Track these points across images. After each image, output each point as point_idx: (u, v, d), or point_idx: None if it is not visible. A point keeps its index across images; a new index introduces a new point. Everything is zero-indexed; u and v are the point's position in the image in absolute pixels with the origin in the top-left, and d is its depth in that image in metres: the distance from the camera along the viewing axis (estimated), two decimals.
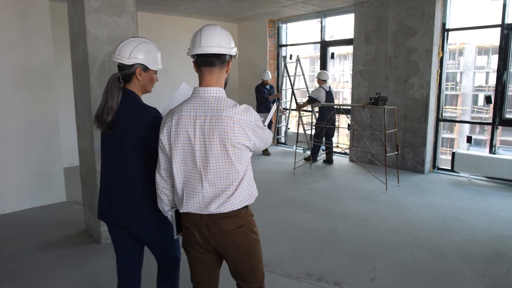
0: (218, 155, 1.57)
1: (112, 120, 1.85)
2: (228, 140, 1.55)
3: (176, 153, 1.61)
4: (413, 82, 6.29)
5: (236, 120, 1.55)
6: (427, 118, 6.20)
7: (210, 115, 1.56)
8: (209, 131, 1.55)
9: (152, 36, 7.98)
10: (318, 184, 5.77)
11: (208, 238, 1.65)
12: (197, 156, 1.58)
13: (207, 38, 1.61)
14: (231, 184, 1.60)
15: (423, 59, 6.14)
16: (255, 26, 8.92)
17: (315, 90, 6.80)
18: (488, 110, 25.54)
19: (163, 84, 4.22)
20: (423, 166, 6.33)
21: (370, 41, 6.82)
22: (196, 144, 1.58)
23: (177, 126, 1.59)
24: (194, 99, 1.62)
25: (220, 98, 1.60)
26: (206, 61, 1.61)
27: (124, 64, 1.88)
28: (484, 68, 28.05)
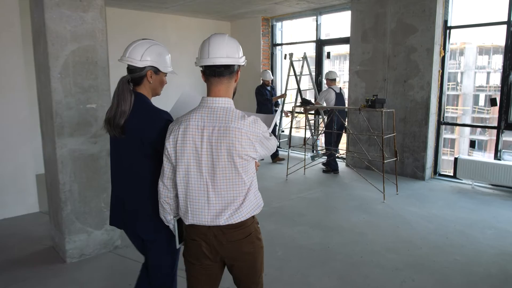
0: (226, 166, 1.56)
1: (125, 123, 1.80)
2: (235, 152, 1.54)
3: (181, 162, 1.59)
4: (413, 83, 5.93)
5: (244, 132, 1.54)
6: (427, 121, 5.83)
7: (218, 126, 1.55)
8: (217, 142, 1.54)
9: (139, 35, 7.64)
10: (311, 192, 5.40)
11: (217, 249, 1.64)
12: (204, 166, 1.57)
13: (216, 48, 1.59)
14: (238, 195, 1.60)
15: (423, 59, 5.77)
16: (248, 25, 8.57)
17: (324, 91, 6.27)
18: (490, 111, 25.30)
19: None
20: (424, 172, 5.96)
21: (368, 39, 6.45)
22: (203, 154, 1.56)
23: (184, 135, 1.57)
24: (202, 108, 1.60)
25: (228, 109, 1.59)
26: (215, 72, 1.60)
27: (135, 67, 1.84)
28: (485, 68, 27.78)
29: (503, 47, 5.30)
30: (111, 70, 3.48)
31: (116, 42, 7.48)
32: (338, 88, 6.29)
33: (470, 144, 5.87)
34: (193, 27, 8.36)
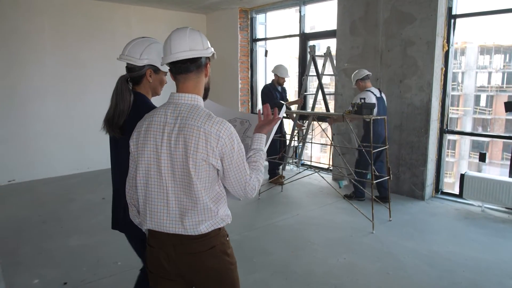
0: (183, 168, 1.43)
1: (125, 123, 1.74)
2: (189, 153, 1.41)
3: (141, 161, 1.50)
4: (411, 84, 4.93)
5: (203, 132, 1.40)
6: (428, 130, 4.83)
7: (179, 122, 1.44)
8: (175, 140, 1.43)
9: (97, 28, 6.63)
10: (285, 218, 4.39)
11: (175, 261, 1.50)
12: (163, 166, 1.46)
13: (177, 43, 1.49)
14: (195, 204, 1.44)
15: (423, 54, 4.77)
16: (225, 17, 7.56)
17: (361, 95, 4.58)
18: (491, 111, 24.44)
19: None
20: (423, 191, 4.95)
21: (357, 32, 5.45)
22: (163, 153, 1.46)
23: (146, 132, 1.49)
24: (168, 104, 1.52)
25: (194, 106, 1.48)
26: (181, 68, 1.50)
27: (134, 65, 1.80)
28: (487, 68, 26.98)
29: (505, 47, 4.27)
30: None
31: (68, 35, 6.46)
32: (378, 90, 4.75)
33: (479, 157, 4.85)
34: (162, 20, 7.35)
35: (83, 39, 6.47)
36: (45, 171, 6.31)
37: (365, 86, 4.72)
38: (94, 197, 5.25)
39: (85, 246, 3.71)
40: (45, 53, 6.16)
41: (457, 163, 22.24)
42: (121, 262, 3.35)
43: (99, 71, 6.67)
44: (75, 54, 6.42)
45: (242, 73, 7.58)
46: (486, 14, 4.62)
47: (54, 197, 5.30)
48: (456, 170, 21.94)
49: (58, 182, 6.06)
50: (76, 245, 3.74)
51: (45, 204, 5.01)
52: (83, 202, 5.09)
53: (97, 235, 3.94)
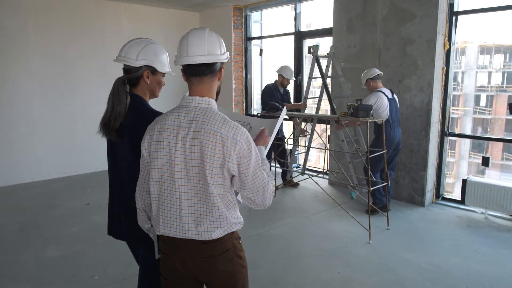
0: (198, 173, 1.40)
1: (121, 126, 1.72)
2: (206, 158, 1.37)
3: (154, 165, 1.47)
4: (410, 84, 4.69)
5: (219, 136, 1.37)
6: (428, 132, 4.59)
7: (194, 127, 1.40)
8: (190, 145, 1.39)
9: (86, 26, 6.37)
10: (277, 226, 4.16)
11: (189, 265, 1.49)
12: (176, 171, 1.42)
13: (195, 45, 1.44)
14: (209, 209, 1.42)
15: (423, 53, 4.54)
16: (219, 15, 7.32)
17: (372, 96, 4.22)
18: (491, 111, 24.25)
19: None
20: (423, 196, 4.72)
21: (354, 29, 5.21)
22: (177, 157, 1.42)
23: (159, 136, 1.45)
24: (180, 108, 1.48)
25: (208, 110, 1.44)
26: (196, 71, 1.45)
27: (131, 67, 1.77)
28: (487, 67, 26.82)
29: (505, 46, 4.03)
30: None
31: (55, 33, 6.15)
32: (389, 91, 4.37)
33: (482, 162, 4.61)
34: (154, 18, 7.11)
35: (70, 37, 6.23)
36: (31, 174, 6.06)
37: (376, 86, 4.34)
38: (79, 203, 5.01)
39: (62, 258, 3.47)
40: (31, 52, 5.92)
41: (457, 163, 22.07)
42: (98, 277, 3.10)
43: (87, 71, 6.43)
44: (62, 53, 6.18)
45: (236, 73, 7.34)
46: (489, 11, 4.38)
47: (36, 203, 5.06)
48: (456, 171, 21.75)
49: (43, 186, 5.81)
50: (53, 257, 3.50)
51: (26, 210, 4.77)
52: (67, 208, 4.85)
53: (76, 246, 3.70)
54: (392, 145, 4.27)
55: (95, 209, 4.77)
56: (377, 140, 4.27)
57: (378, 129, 4.26)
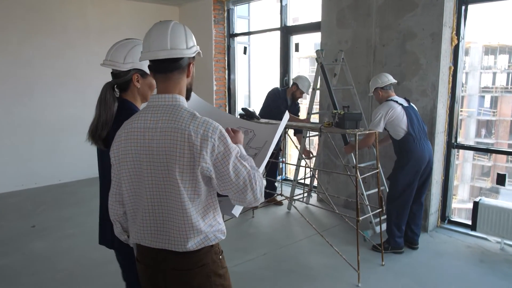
0: (168, 177, 1.29)
1: (108, 136, 1.61)
2: (175, 159, 1.26)
3: (124, 173, 1.37)
4: (411, 86, 3.95)
5: (188, 134, 1.25)
6: (433, 144, 3.85)
7: (161, 126, 1.29)
8: (157, 147, 1.29)
9: (45, 22, 5.61)
10: (247, 259, 3.42)
11: (162, 277, 1.37)
12: (146, 177, 1.32)
13: (158, 39, 1.33)
14: (181, 218, 1.29)
15: (426, 49, 3.80)
16: (199, 10, 6.60)
17: (382, 107, 3.43)
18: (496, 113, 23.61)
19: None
20: (426, 220, 3.97)
21: (345, 23, 4.47)
22: (144, 162, 1.31)
23: (127, 142, 1.35)
24: (147, 108, 1.37)
25: (175, 107, 1.32)
26: (160, 67, 1.35)
27: (119, 71, 1.67)
28: (491, 68, 26.25)
29: (510, 47, 3.29)
30: None
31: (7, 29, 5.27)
32: (404, 99, 3.55)
33: (497, 180, 3.95)
34: (126, 13, 6.39)
35: (27, 34, 5.50)
36: None
37: (386, 96, 3.53)
38: (24, 225, 4.29)
39: None
40: None
41: (461, 165, 21.42)
42: None
43: (48, 71, 5.72)
44: (16, 50, 5.46)
45: (218, 73, 6.60)
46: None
47: None
48: (460, 173, 21.09)
49: None
50: None
51: None
52: (7, 231, 4.13)
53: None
54: (421, 164, 3.38)
55: (39, 233, 4.06)
56: (401, 160, 3.45)
57: (400, 146, 3.45)
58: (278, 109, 4.56)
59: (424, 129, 3.48)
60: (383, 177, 4.02)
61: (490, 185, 20.41)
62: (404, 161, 3.41)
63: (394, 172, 3.50)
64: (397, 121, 3.38)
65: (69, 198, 5.27)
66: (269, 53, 8.29)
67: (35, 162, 5.73)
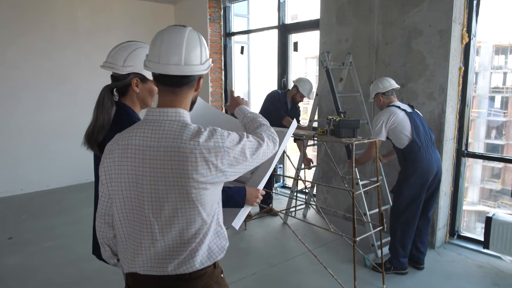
0: (176, 200, 1.16)
1: (104, 141, 1.52)
2: (189, 181, 1.14)
3: (118, 194, 1.22)
4: (416, 89, 3.60)
5: (199, 153, 1.14)
6: (441, 152, 3.49)
7: (165, 145, 1.15)
8: (163, 168, 1.15)
9: (32, 21, 5.29)
10: (234, 279, 3.09)
11: None
12: (146, 200, 1.18)
13: (171, 50, 1.18)
14: (194, 236, 1.20)
15: (434, 48, 3.45)
16: (194, 8, 6.30)
17: (383, 113, 3.10)
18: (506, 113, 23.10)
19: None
20: (433, 236, 3.62)
21: (345, 20, 4.14)
22: (145, 184, 1.17)
23: (122, 159, 1.20)
24: (146, 123, 1.21)
25: (181, 124, 1.19)
26: (168, 81, 1.21)
27: (118, 74, 1.60)
28: (502, 68, 25.71)
29: None
30: None
31: None
32: (407, 105, 3.22)
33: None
34: (118, 11, 6.12)
35: (11, 32, 5.25)
36: None
37: (388, 102, 3.19)
38: (0, 236, 4.03)
39: None
40: None
41: (471, 166, 20.89)
42: None
43: (35, 72, 5.46)
44: (1, 52, 5.20)
45: (214, 74, 6.30)
46: None
47: None
48: (469, 175, 20.59)
49: None
50: None
51: None
52: None
53: None
54: (428, 176, 3.02)
55: (14, 246, 3.79)
56: (406, 171, 3.10)
57: (404, 156, 3.10)
58: (278, 113, 4.25)
59: (431, 136, 3.13)
60: (387, 190, 3.67)
61: (500, 187, 19.93)
62: (409, 172, 3.07)
63: (398, 185, 3.15)
64: (400, 127, 3.03)
65: (54, 206, 4.99)
66: (270, 53, 7.98)
67: (21, 167, 5.49)
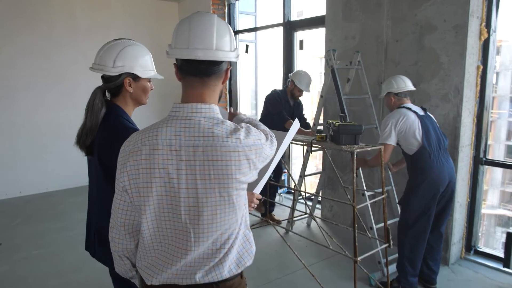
0: (216, 204, 1.10)
1: (92, 143, 1.55)
2: (233, 181, 1.09)
3: (148, 201, 1.11)
4: (429, 90, 3.29)
5: (242, 151, 1.09)
6: (456, 160, 3.18)
7: (204, 145, 1.07)
8: (203, 169, 1.07)
9: (28, 19, 5.08)
10: None
11: None
12: (183, 206, 1.10)
13: (201, 35, 1.10)
14: (226, 241, 1.15)
15: (448, 45, 3.13)
16: (198, 5, 6.08)
17: (392, 115, 2.82)
18: None
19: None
20: (447, 251, 3.30)
21: (352, 15, 3.84)
22: (182, 188, 1.09)
23: (151, 162, 1.09)
24: (176, 120, 1.11)
25: (216, 121, 1.11)
26: (197, 69, 1.12)
27: (109, 75, 1.54)
28: None
29: None
30: None
31: None
32: (419, 108, 2.91)
33: None
34: (118, 8, 5.94)
35: (7, 31, 5.11)
36: None
37: (399, 103, 2.92)
38: None
39: None
40: None
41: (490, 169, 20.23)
42: None
43: (32, 71, 5.33)
44: None
45: None
46: None
47: None
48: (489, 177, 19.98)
49: None
50: None
51: None
52: None
53: None
54: (439, 186, 2.73)
55: (3, 253, 3.66)
56: (415, 180, 2.81)
57: (413, 163, 2.82)
58: (280, 116, 3.98)
59: (444, 142, 2.82)
60: (397, 201, 3.37)
61: None
62: (418, 181, 2.77)
63: (406, 195, 2.85)
64: (410, 131, 2.74)
65: (50, 210, 4.84)
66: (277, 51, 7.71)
67: (19, 169, 5.36)
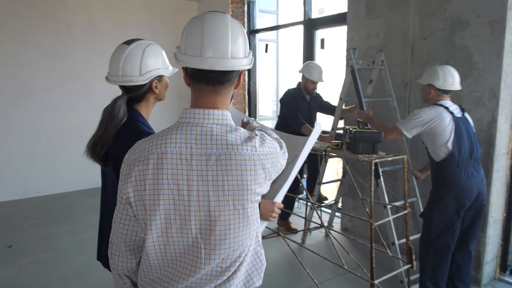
0: (230, 217, 1.00)
1: (106, 153, 1.45)
2: (248, 193, 1.01)
3: (155, 215, 0.99)
4: (461, 92, 2.97)
5: (258, 159, 1.02)
6: (490, 171, 2.86)
7: (217, 153, 0.99)
8: (216, 179, 0.98)
9: (47, 19, 5.07)
10: None
11: None
12: (193, 220, 0.99)
13: (216, 42, 1.00)
14: (237, 259, 1.05)
15: (482, 42, 2.81)
16: (217, 4, 5.92)
17: (426, 111, 2.52)
18: None
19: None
20: (479, 271, 2.98)
21: (376, 11, 3.56)
22: (193, 200, 0.99)
23: (159, 172, 0.98)
24: (186, 127, 1.02)
25: (229, 127, 1.04)
26: (209, 77, 1.02)
27: (136, 85, 1.45)
28: None
29: None
30: None
31: (5, 26, 4.85)
32: (457, 107, 2.62)
33: None
34: (137, 8, 5.87)
35: (26, 32, 5.11)
36: None
37: (438, 99, 2.60)
38: (0, 244, 3.84)
39: None
40: None
41: None
42: None
43: (49, 72, 5.32)
44: (15, 51, 5.07)
45: None
46: None
47: None
48: None
49: None
50: None
51: None
52: None
53: None
54: (465, 200, 2.45)
55: (11, 255, 3.60)
56: (438, 191, 2.53)
57: (438, 171, 2.54)
58: (295, 119, 3.73)
59: (477, 150, 2.52)
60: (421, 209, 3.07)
61: None
62: (441, 193, 2.48)
63: (429, 208, 2.56)
64: (440, 137, 2.46)
65: (64, 211, 4.79)
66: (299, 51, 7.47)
67: (37, 169, 5.36)
